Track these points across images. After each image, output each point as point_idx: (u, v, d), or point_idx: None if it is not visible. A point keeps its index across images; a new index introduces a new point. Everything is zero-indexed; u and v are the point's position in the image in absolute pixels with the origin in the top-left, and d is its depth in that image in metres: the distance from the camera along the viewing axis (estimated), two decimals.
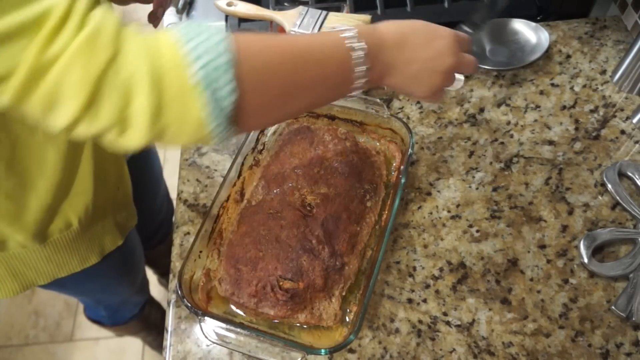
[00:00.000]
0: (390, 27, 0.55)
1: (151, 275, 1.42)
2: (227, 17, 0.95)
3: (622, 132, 0.78)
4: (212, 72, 0.41)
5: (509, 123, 0.80)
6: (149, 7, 0.77)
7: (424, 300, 0.66)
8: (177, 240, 0.73)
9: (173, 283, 0.69)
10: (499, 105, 0.82)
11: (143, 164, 1.08)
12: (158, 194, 1.16)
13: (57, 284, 0.83)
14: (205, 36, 0.42)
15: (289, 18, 0.77)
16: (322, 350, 0.56)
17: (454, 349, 0.63)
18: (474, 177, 0.75)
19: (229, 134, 0.45)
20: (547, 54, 0.86)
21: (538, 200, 0.72)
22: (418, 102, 0.83)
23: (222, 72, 0.42)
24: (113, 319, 1.32)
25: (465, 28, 0.76)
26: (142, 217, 1.14)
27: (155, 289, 1.54)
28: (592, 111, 0.80)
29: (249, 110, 0.45)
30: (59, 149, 0.62)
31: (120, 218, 0.81)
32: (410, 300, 0.66)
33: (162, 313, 1.35)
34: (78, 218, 0.71)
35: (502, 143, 0.78)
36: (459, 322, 0.64)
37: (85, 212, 0.71)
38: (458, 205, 0.73)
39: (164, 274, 1.48)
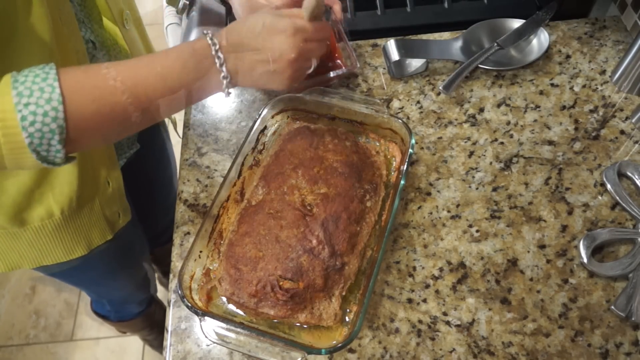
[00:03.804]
0: (231, 35, 0.60)
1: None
2: (227, 17, 0.95)
3: (622, 132, 0.78)
4: (42, 137, 0.49)
5: (509, 123, 0.80)
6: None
7: (424, 300, 0.66)
8: (177, 240, 0.73)
9: (173, 283, 0.69)
10: (499, 105, 0.82)
11: (157, 163, 1.08)
12: (170, 193, 1.16)
13: (46, 270, 0.83)
14: (35, 98, 0.48)
15: None
16: (322, 350, 0.56)
17: (454, 349, 0.63)
18: (474, 177, 0.75)
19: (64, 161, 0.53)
20: (547, 54, 0.86)
21: (538, 200, 0.73)
22: (418, 102, 0.83)
23: (51, 137, 0.49)
24: (119, 315, 1.32)
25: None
26: (153, 215, 1.13)
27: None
28: (591, 111, 0.80)
29: (80, 146, 0.55)
30: None
31: (110, 213, 0.80)
32: (410, 300, 0.66)
33: (165, 312, 1.35)
34: (61, 209, 0.71)
35: (502, 143, 0.78)
36: (458, 322, 0.64)
37: (69, 203, 0.71)
38: (458, 205, 0.73)
39: (165, 273, 1.48)
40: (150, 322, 1.30)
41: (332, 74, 0.80)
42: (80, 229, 0.77)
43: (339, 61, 0.83)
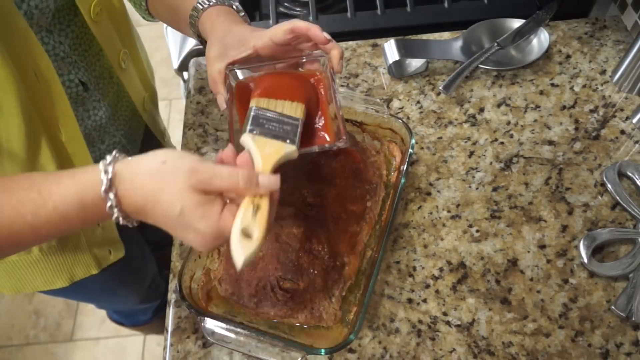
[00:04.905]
0: (136, 199, 0.46)
1: None
2: None
3: (622, 132, 0.78)
4: None
5: (509, 123, 0.80)
6: None
7: (424, 300, 0.66)
8: (177, 241, 0.73)
9: (173, 283, 0.69)
10: (499, 105, 0.82)
11: None
12: None
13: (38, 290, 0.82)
14: None
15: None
16: (322, 350, 0.56)
17: (454, 349, 0.63)
18: (474, 177, 0.75)
19: None
20: (547, 54, 0.86)
21: (538, 200, 0.73)
22: (418, 102, 0.83)
23: None
24: (130, 321, 1.30)
25: None
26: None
27: None
28: (592, 111, 0.80)
29: None
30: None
31: (100, 252, 0.78)
32: (410, 300, 0.66)
33: None
34: (39, 246, 0.69)
35: (502, 143, 0.78)
36: (459, 322, 0.64)
37: (48, 243, 0.69)
38: (458, 205, 0.73)
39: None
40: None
41: (316, 148, 0.60)
42: (62, 264, 0.75)
43: (323, 133, 0.61)
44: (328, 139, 0.60)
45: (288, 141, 0.55)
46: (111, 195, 0.45)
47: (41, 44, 0.60)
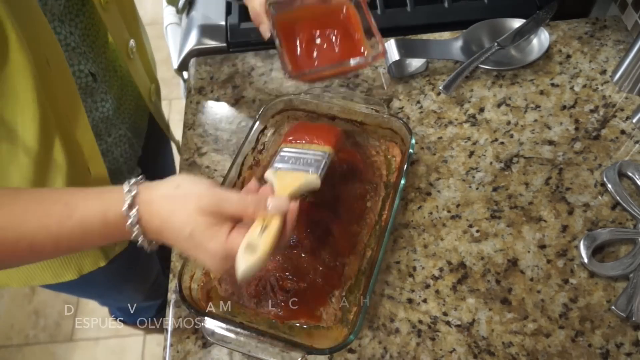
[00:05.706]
0: (152, 219, 0.49)
1: None
2: (227, 17, 0.95)
3: (622, 132, 0.78)
4: None
5: (509, 123, 0.80)
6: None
7: (424, 300, 0.66)
8: None
9: (173, 283, 0.69)
10: (499, 105, 0.82)
11: (161, 165, 1.07)
12: None
13: (44, 285, 0.82)
14: None
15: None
16: (322, 350, 0.56)
17: (454, 349, 0.63)
18: (474, 177, 0.75)
19: None
20: (547, 54, 0.86)
21: (538, 200, 0.72)
22: (418, 102, 0.83)
23: None
24: (132, 319, 1.30)
25: None
26: None
27: None
28: (592, 111, 0.80)
29: None
30: (22, 172, 0.61)
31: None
32: (410, 300, 0.66)
33: None
34: None
35: (502, 143, 0.78)
36: (459, 322, 0.64)
37: None
38: (458, 205, 0.73)
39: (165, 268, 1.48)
40: None
41: (352, 63, 0.64)
42: (71, 257, 0.75)
43: (362, 48, 0.66)
44: (365, 54, 0.65)
45: (310, 171, 0.58)
46: (133, 212, 0.48)
47: (53, 34, 0.60)
